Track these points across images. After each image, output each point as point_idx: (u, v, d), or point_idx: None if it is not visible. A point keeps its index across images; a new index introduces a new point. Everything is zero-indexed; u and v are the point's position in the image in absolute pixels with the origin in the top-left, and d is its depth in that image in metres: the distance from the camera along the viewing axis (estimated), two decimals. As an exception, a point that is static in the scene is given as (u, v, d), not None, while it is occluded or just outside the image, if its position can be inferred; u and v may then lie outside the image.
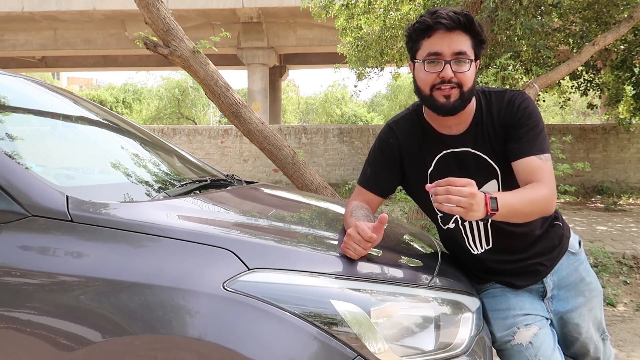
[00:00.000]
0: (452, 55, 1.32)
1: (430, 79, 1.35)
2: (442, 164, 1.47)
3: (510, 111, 1.41)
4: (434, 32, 1.33)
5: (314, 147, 11.19)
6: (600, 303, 1.61)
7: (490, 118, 1.44)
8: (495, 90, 1.48)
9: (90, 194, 1.21)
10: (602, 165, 10.37)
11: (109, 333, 1.01)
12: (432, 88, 1.36)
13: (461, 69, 1.33)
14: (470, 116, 1.44)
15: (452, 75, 1.33)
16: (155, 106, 27.76)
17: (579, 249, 1.58)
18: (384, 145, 1.56)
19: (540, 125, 1.39)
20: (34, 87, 1.79)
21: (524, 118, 1.38)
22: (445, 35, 1.32)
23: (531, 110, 1.40)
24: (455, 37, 1.32)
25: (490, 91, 1.48)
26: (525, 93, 1.45)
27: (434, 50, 1.33)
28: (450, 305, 1.24)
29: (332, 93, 30.12)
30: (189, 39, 3.74)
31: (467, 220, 1.46)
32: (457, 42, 1.32)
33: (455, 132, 1.45)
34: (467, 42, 1.34)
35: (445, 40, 1.32)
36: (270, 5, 15.48)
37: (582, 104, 10.69)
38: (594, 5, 6.04)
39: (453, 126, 1.44)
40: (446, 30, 1.31)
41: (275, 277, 1.07)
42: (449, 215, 1.49)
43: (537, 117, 1.40)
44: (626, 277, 4.51)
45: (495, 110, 1.43)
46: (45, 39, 17.16)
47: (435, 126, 1.47)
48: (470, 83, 1.36)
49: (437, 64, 1.34)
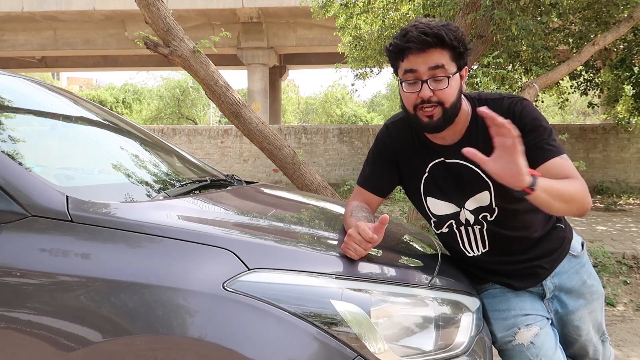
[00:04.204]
0: (428, 71, 1.30)
1: (412, 100, 1.34)
2: (436, 172, 1.46)
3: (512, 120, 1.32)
4: (407, 55, 1.31)
5: (314, 147, 11.19)
6: (601, 305, 1.60)
7: (485, 128, 1.34)
8: (491, 97, 1.44)
9: (90, 194, 1.21)
10: (602, 165, 10.37)
11: (109, 333, 1.01)
12: (415, 108, 1.35)
13: (439, 86, 1.31)
14: (465, 126, 1.42)
15: (430, 94, 1.31)
16: (156, 106, 27.76)
17: (581, 251, 1.56)
18: (382, 146, 1.56)
19: (549, 127, 1.36)
20: (34, 87, 1.79)
21: (531, 124, 1.34)
22: (418, 56, 1.30)
23: (535, 114, 1.36)
24: (429, 55, 1.29)
25: (486, 98, 1.44)
26: (523, 98, 1.42)
27: (410, 68, 1.32)
28: (450, 306, 1.24)
29: (332, 93, 30.12)
30: (189, 39, 3.74)
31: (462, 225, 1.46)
32: (432, 59, 1.29)
33: (449, 142, 1.43)
34: (443, 56, 1.30)
35: (420, 59, 1.30)
36: (270, 5, 15.48)
37: (582, 104, 10.70)
38: (593, 5, 6.04)
39: (447, 137, 1.42)
40: (418, 52, 1.29)
41: (275, 277, 1.07)
42: (442, 219, 1.49)
43: (542, 119, 1.37)
44: (626, 277, 4.51)
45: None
46: (45, 39, 17.16)
47: (429, 136, 1.46)
48: (452, 99, 1.33)
49: (415, 84, 1.32)
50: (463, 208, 1.45)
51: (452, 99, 1.33)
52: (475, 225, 1.46)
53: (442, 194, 1.47)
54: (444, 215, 1.49)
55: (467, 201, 1.44)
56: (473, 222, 1.45)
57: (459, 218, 1.47)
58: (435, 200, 1.49)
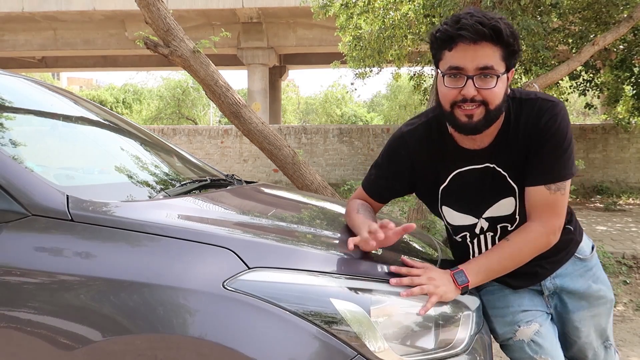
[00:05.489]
0: (475, 70, 1.18)
1: (451, 95, 1.22)
2: (457, 181, 1.39)
3: (535, 126, 1.27)
4: (456, 44, 1.18)
5: (314, 147, 11.19)
6: (608, 312, 1.52)
7: (516, 132, 1.30)
8: (526, 97, 1.32)
9: (90, 193, 1.21)
10: (602, 165, 10.37)
11: (109, 332, 1.01)
12: (452, 105, 1.23)
13: (487, 85, 1.19)
14: (497, 128, 1.31)
15: (474, 94, 1.19)
16: (156, 106, 27.76)
17: (590, 254, 1.49)
18: (394, 156, 1.46)
19: (563, 147, 1.26)
20: (34, 87, 1.79)
21: (545, 139, 1.25)
22: (468, 47, 1.17)
23: (556, 129, 1.25)
24: (480, 51, 1.17)
25: (521, 97, 1.32)
26: (558, 105, 1.28)
27: (456, 64, 1.19)
28: (450, 304, 1.24)
29: (332, 93, 30.11)
30: (189, 39, 3.74)
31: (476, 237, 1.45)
32: (483, 55, 1.17)
33: (479, 145, 1.33)
34: (494, 54, 1.18)
35: (469, 54, 1.17)
36: (270, 6, 15.48)
37: (581, 104, 10.68)
38: (593, 5, 6.05)
39: (478, 140, 1.32)
40: (470, 42, 1.16)
41: (275, 276, 1.07)
42: (457, 229, 1.48)
43: (560, 137, 1.25)
44: (626, 277, 4.51)
45: (522, 121, 1.29)
46: (45, 39, 17.16)
47: (458, 139, 1.35)
48: (498, 100, 1.21)
49: (459, 79, 1.20)
50: (481, 219, 1.41)
51: (498, 101, 1.22)
52: (488, 233, 1.43)
53: (460, 205, 1.43)
54: (459, 226, 1.46)
55: (488, 210, 1.39)
56: (486, 230, 1.42)
57: (474, 230, 1.44)
58: (451, 210, 1.45)
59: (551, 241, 1.32)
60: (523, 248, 1.30)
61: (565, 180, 1.28)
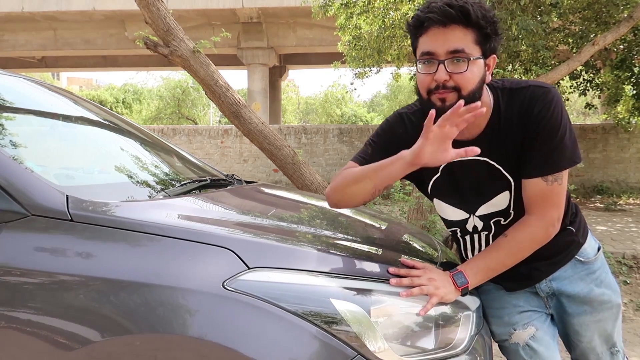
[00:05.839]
0: (446, 54, 1.16)
1: (426, 82, 1.20)
2: (450, 173, 1.37)
3: (528, 115, 1.24)
4: (428, 29, 1.17)
5: (314, 147, 11.19)
6: (615, 317, 1.46)
7: (508, 122, 1.27)
8: (517, 86, 1.29)
9: (90, 193, 1.21)
10: (602, 165, 10.37)
11: (109, 332, 1.01)
12: (429, 93, 1.21)
13: (458, 69, 1.16)
14: (486, 119, 1.28)
15: (446, 78, 1.16)
16: (156, 106, 27.77)
17: (593, 257, 1.43)
18: (390, 133, 1.41)
19: (559, 135, 1.22)
20: (34, 87, 1.79)
21: (539, 128, 1.22)
22: (439, 31, 1.16)
23: (550, 117, 1.22)
24: (450, 34, 1.15)
25: (512, 87, 1.29)
26: (550, 92, 1.25)
27: (427, 49, 1.18)
28: (450, 304, 1.24)
29: (332, 93, 30.12)
30: (189, 39, 3.74)
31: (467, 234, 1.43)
32: (453, 39, 1.15)
33: (468, 136, 1.30)
34: (465, 37, 1.16)
35: (440, 37, 1.16)
36: (270, 5, 15.49)
37: (582, 104, 10.67)
38: (593, 5, 6.05)
39: (465, 130, 1.26)
40: (440, 26, 1.15)
41: (275, 276, 1.07)
42: (448, 223, 1.47)
43: (555, 126, 1.22)
44: (626, 277, 4.51)
45: (515, 111, 1.26)
46: (45, 39, 17.16)
47: None
48: (471, 85, 1.18)
49: (431, 65, 1.18)
50: (473, 215, 1.39)
51: (471, 87, 1.18)
52: (483, 232, 1.41)
53: (452, 198, 1.40)
54: (450, 220, 1.45)
55: (481, 206, 1.37)
56: (481, 229, 1.40)
57: (465, 227, 1.42)
58: (442, 203, 1.43)
59: (550, 233, 1.29)
60: (522, 243, 1.28)
61: (559, 171, 1.25)
